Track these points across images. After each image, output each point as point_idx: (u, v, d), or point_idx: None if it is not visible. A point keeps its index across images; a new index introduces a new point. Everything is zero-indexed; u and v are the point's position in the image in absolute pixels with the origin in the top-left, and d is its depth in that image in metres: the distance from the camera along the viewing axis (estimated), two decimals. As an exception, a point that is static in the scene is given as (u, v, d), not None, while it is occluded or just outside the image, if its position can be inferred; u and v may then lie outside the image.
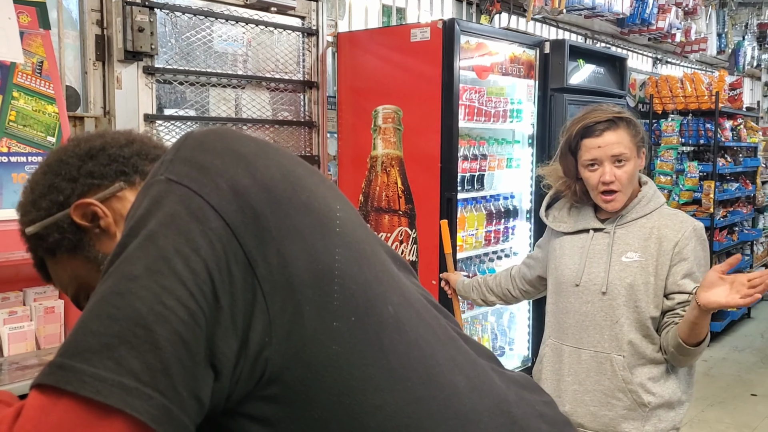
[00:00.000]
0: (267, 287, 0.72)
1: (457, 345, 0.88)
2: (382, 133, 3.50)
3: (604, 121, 2.03)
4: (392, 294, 0.83)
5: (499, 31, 4.00)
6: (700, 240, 2.04)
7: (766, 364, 5.78)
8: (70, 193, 0.96)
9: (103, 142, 1.00)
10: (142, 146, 1.02)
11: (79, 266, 0.98)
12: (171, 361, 0.66)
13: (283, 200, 0.77)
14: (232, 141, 0.82)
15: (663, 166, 6.41)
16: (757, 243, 7.80)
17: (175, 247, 0.70)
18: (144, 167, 0.99)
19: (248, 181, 0.76)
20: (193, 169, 0.76)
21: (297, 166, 0.84)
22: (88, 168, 0.97)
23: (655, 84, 6.56)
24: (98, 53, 2.84)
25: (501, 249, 3.90)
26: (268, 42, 3.51)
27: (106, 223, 0.96)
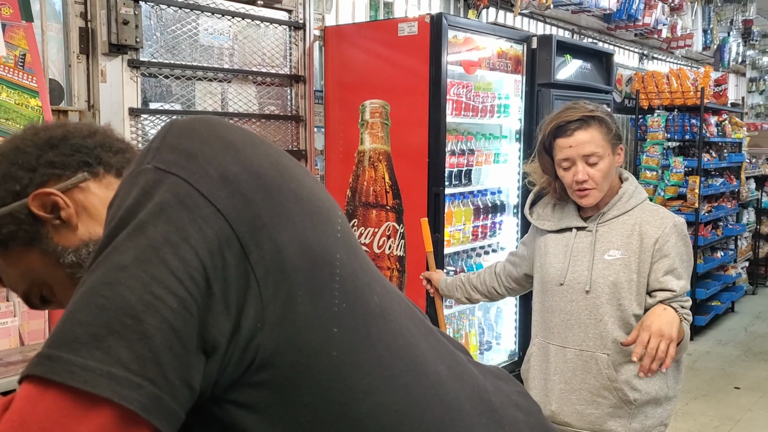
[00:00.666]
0: (260, 272, 0.71)
1: (436, 336, 0.90)
2: (369, 128, 3.49)
3: (576, 121, 2.02)
4: (376, 285, 0.83)
5: (486, 25, 4.00)
6: (681, 236, 2.04)
7: (750, 357, 5.84)
8: (28, 182, 0.93)
9: (65, 132, 0.97)
10: (105, 138, 0.99)
11: (34, 260, 0.94)
12: (161, 350, 0.66)
13: (273, 187, 0.77)
14: (219, 128, 0.81)
15: (649, 161, 6.44)
16: (741, 238, 7.87)
17: (165, 237, 0.69)
18: (108, 159, 0.97)
19: (238, 168, 0.75)
20: (181, 156, 0.75)
21: (283, 156, 0.84)
22: (48, 158, 0.94)
23: (642, 79, 6.59)
24: (82, 46, 2.80)
25: (488, 244, 3.91)
26: (255, 36, 3.49)
27: (67, 215, 0.93)
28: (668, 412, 2.07)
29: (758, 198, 8.30)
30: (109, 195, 0.90)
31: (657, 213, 2.06)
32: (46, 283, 0.96)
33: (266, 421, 0.73)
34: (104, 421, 0.64)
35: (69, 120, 1.02)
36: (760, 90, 10.59)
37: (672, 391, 2.07)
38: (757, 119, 10.40)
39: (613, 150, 2.04)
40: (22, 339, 2.27)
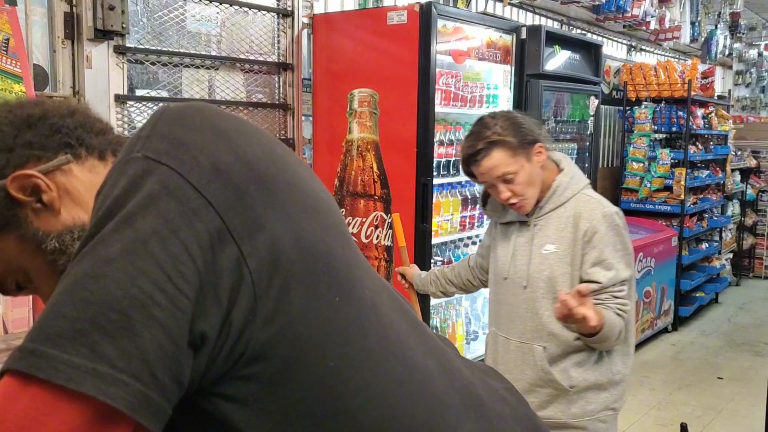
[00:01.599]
0: (253, 264, 0.70)
1: (424, 330, 0.89)
2: (357, 117, 3.48)
3: (477, 152, 2.04)
4: (367, 278, 0.82)
5: (476, 15, 3.99)
6: (611, 226, 2.03)
7: (733, 348, 5.90)
8: (5, 164, 0.87)
9: (43, 111, 0.91)
10: (85, 118, 0.94)
11: (10, 246, 0.89)
12: (148, 347, 0.63)
13: (267, 178, 0.75)
14: (212, 116, 0.79)
15: (636, 152, 6.47)
16: (726, 229, 7.93)
17: (153, 229, 0.67)
18: (90, 140, 0.92)
19: (230, 157, 0.73)
20: (171, 145, 0.73)
21: (277, 145, 0.82)
22: (26, 138, 0.88)
23: (630, 71, 6.61)
24: (67, 31, 2.77)
25: (476, 234, 3.91)
26: (243, 23, 3.46)
27: (49, 198, 0.88)
28: (615, 396, 2.10)
29: (743, 190, 8.37)
30: (92, 178, 0.90)
31: (589, 204, 2.07)
32: (23, 269, 0.91)
33: (255, 415, 0.72)
34: (88, 419, 0.62)
35: (45, 98, 0.94)
36: (746, 83, 10.65)
37: (618, 376, 2.10)
38: (743, 112, 10.47)
39: (528, 157, 2.04)
40: (5, 327, 2.25)
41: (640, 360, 5.51)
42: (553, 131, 4.35)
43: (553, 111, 4.30)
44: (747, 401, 4.66)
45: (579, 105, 4.49)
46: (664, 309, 6.11)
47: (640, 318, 5.64)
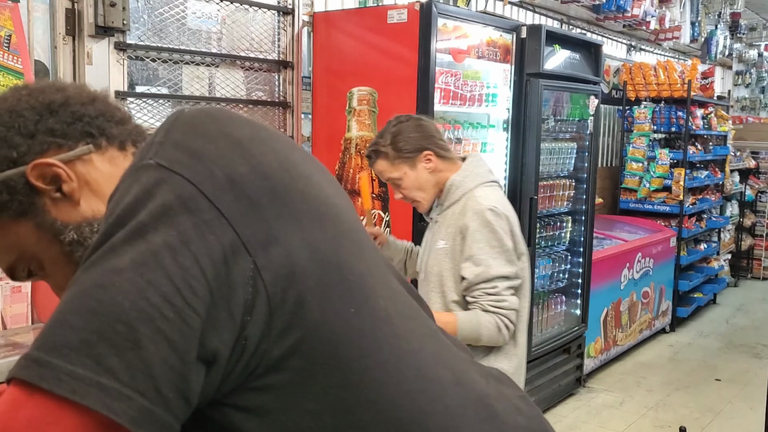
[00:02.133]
0: (268, 278, 0.69)
1: (439, 338, 0.88)
2: (356, 115, 3.48)
3: (368, 157, 2.25)
4: (382, 287, 0.81)
5: (476, 14, 3.99)
6: (483, 222, 2.09)
7: (731, 349, 5.90)
8: (26, 150, 0.84)
9: (65, 97, 0.89)
10: (105, 106, 0.92)
11: (26, 233, 0.86)
12: (153, 361, 0.63)
13: (281, 188, 0.74)
14: (227, 124, 0.78)
15: (635, 152, 6.48)
16: (724, 230, 7.93)
17: (165, 241, 0.66)
18: (110, 130, 0.90)
19: (245, 168, 0.73)
20: (185, 154, 0.72)
21: (292, 151, 0.81)
22: (49, 124, 0.86)
23: (629, 71, 6.61)
24: (68, 27, 2.77)
25: (474, 233, 3.91)
26: (243, 20, 3.46)
27: (69, 188, 0.85)
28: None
29: (742, 191, 8.37)
30: (112, 170, 0.87)
31: (471, 201, 2.14)
32: (36, 257, 0.89)
33: (267, 426, 0.71)
34: (90, 431, 0.61)
35: (65, 82, 0.98)
36: (746, 83, 10.65)
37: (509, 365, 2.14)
38: (743, 112, 10.47)
39: (412, 164, 2.17)
40: (4, 323, 2.25)
41: (638, 361, 5.51)
42: (552, 130, 4.35)
43: (553, 110, 4.30)
44: (745, 403, 4.67)
45: (578, 104, 4.49)
46: (662, 310, 6.12)
47: (638, 318, 5.65)
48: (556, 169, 4.44)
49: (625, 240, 5.60)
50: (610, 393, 4.78)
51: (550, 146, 4.32)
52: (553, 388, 4.44)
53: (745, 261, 8.73)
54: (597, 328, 5.02)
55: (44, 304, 2.31)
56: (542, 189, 4.16)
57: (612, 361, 5.34)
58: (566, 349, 4.54)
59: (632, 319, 5.54)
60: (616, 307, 5.28)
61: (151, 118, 3.08)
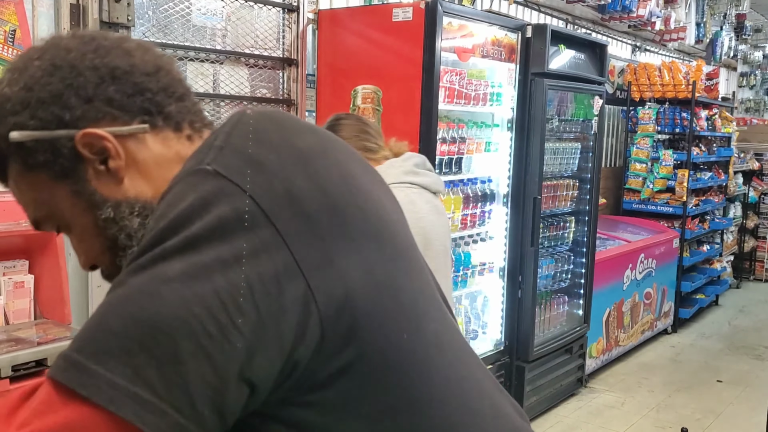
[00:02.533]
0: (322, 300, 0.67)
1: (480, 365, 0.87)
2: (360, 114, 3.47)
3: None
4: (433, 310, 0.80)
5: (481, 13, 3.98)
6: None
7: (732, 351, 5.89)
8: (80, 115, 0.78)
9: (131, 65, 0.81)
10: (170, 79, 0.85)
11: (61, 195, 0.81)
12: (191, 377, 0.62)
13: (340, 206, 0.72)
14: (291, 133, 0.76)
15: (639, 153, 6.46)
16: (727, 232, 7.92)
17: (218, 255, 0.65)
18: (169, 108, 0.83)
19: (305, 183, 0.71)
20: (245, 163, 0.70)
21: (353, 163, 0.80)
22: (109, 92, 0.79)
23: (634, 71, 6.59)
24: (73, 23, 2.76)
25: (477, 233, 3.91)
26: (248, 17, 3.45)
27: (116, 165, 0.80)
28: None
29: (745, 192, 8.35)
30: (164, 151, 0.82)
31: None
32: (66, 222, 0.84)
33: None
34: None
35: (133, 41, 0.86)
36: (751, 85, 10.63)
37: None
38: (747, 114, 10.44)
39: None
40: (7, 318, 2.25)
41: (640, 361, 5.51)
42: (556, 130, 4.34)
43: (557, 110, 4.29)
44: (746, 405, 4.66)
45: (583, 104, 4.48)
46: (665, 310, 6.11)
47: (640, 319, 5.64)
48: (560, 169, 4.44)
49: (628, 241, 5.59)
50: (612, 393, 4.78)
51: (554, 146, 4.32)
52: (555, 388, 4.43)
53: (747, 263, 8.71)
54: (599, 329, 5.01)
55: (47, 300, 2.31)
56: (546, 189, 4.16)
57: (614, 361, 5.33)
58: (568, 349, 4.54)
59: (634, 319, 5.53)
60: (619, 308, 5.27)
61: (155, 114, 3.07)
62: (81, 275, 2.81)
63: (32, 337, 2.13)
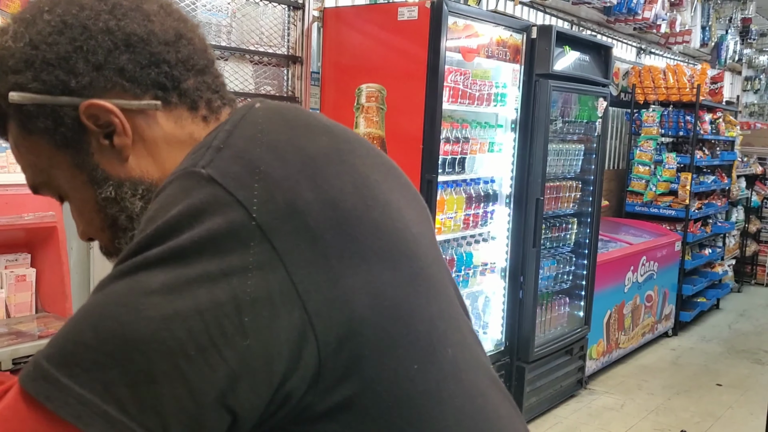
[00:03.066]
0: (320, 326, 0.61)
1: (499, 388, 0.80)
2: (364, 112, 3.47)
3: None
4: (452, 332, 0.74)
5: (487, 13, 3.98)
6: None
7: (733, 354, 5.88)
8: (88, 83, 0.71)
9: (148, 32, 0.74)
10: (191, 50, 0.77)
11: (60, 164, 0.76)
12: (166, 399, 0.58)
13: (350, 221, 0.65)
14: (302, 133, 0.69)
15: (642, 156, 6.46)
16: (729, 236, 7.91)
17: (205, 271, 0.59)
18: (186, 84, 0.76)
19: (311, 194, 0.64)
20: (245, 169, 0.63)
21: (373, 168, 0.73)
22: (121, 61, 0.72)
23: (638, 74, 6.58)
24: (78, 17, 2.76)
25: (479, 233, 3.91)
26: (253, 14, 3.45)
27: (121, 143, 0.74)
28: None
29: (748, 197, 8.34)
30: (176, 131, 0.76)
31: None
32: (64, 190, 0.79)
33: None
34: None
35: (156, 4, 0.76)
36: (755, 89, 10.61)
37: None
38: (751, 118, 10.42)
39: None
40: (8, 311, 2.25)
41: (640, 364, 5.50)
42: (560, 131, 4.34)
43: (561, 111, 4.29)
44: (746, 409, 4.65)
45: (587, 106, 4.48)
46: (665, 313, 6.10)
47: (641, 322, 5.64)
48: (563, 171, 4.43)
49: (630, 243, 5.59)
50: (611, 395, 4.78)
51: (558, 147, 4.31)
52: (555, 389, 4.43)
53: (749, 267, 8.70)
54: (600, 331, 5.01)
55: (48, 294, 2.31)
56: (548, 190, 4.15)
57: (614, 363, 5.33)
58: (568, 351, 4.54)
59: (635, 322, 5.53)
60: (620, 310, 5.26)
61: (159, 109, 3.08)
62: (82, 269, 2.81)
63: (33, 330, 2.13)
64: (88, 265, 2.84)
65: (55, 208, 2.26)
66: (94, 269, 2.84)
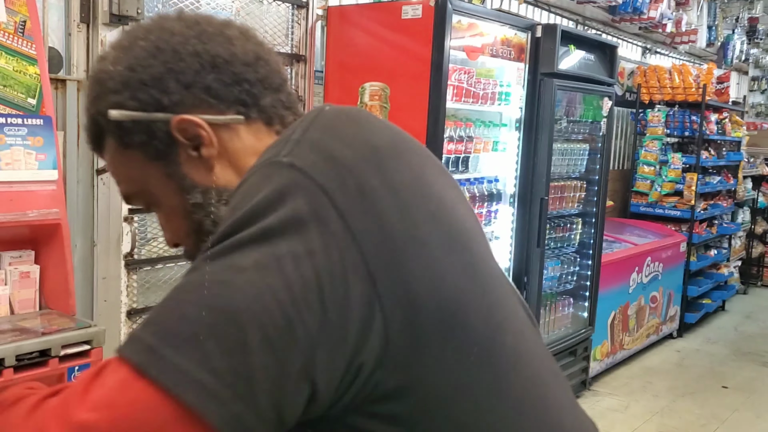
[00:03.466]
0: (387, 304, 0.67)
1: (559, 378, 0.85)
2: (368, 111, 3.46)
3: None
4: (511, 320, 0.79)
5: (491, 12, 3.97)
6: None
7: (738, 357, 5.86)
8: (179, 100, 0.80)
9: (231, 54, 0.83)
10: (268, 71, 0.86)
11: (153, 175, 0.84)
12: (256, 368, 0.64)
13: (412, 207, 0.72)
14: (367, 128, 0.77)
15: (647, 156, 6.44)
16: (735, 237, 7.87)
17: (290, 249, 0.66)
18: (263, 100, 0.84)
19: (377, 181, 0.71)
20: (321, 157, 0.71)
21: (426, 165, 0.80)
22: (208, 80, 0.81)
23: (644, 74, 6.56)
24: (83, 15, 2.77)
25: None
26: (257, 12, 3.45)
27: (208, 153, 0.82)
28: None
29: (754, 198, 8.31)
30: (255, 144, 0.84)
31: None
32: (157, 201, 0.87)
33: None
34: (183, 426, 0.64)
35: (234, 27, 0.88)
36: (762, 89, 10.57)
37: None
38: (757, 119, 10.38)
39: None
40: (12, 308, 2.25)
41: (644, 365, 5.49)
42: (564, 131, 4.33)
43: (566, 110, 4.27)
44: (752, 412, 4.63)
45: (592, 105, 4.46)
46: (670, 315, 6.08)
47: (645, 323, 5.62)
48: (568, 171, 4.42)
49: (635, 244, 5.57)
50: (616, 397, 4.76)
51: (562, 147, 4.30)
52: (558, 389, 4.42)
53: (755, 268, 8.66)
54: (604, 332, 4.99)
55: (52, 291, 2.32)
56: (553, 190, 4.14)
57: (618, 364, 5.31)
58: (572, 352, 4.52)
59: (640, 323, 5.51)
60: (624, 311, 5.25)
61: (163, 107, 3.08)
62: (86, 267, 2.82)
63: (37, 327, 2.13)
64: (91, 263, 2.84)
65: (59, 205, 2.26)
66: (97, 267, 2.85)
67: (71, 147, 2.76)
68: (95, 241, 2.86)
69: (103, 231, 2.87)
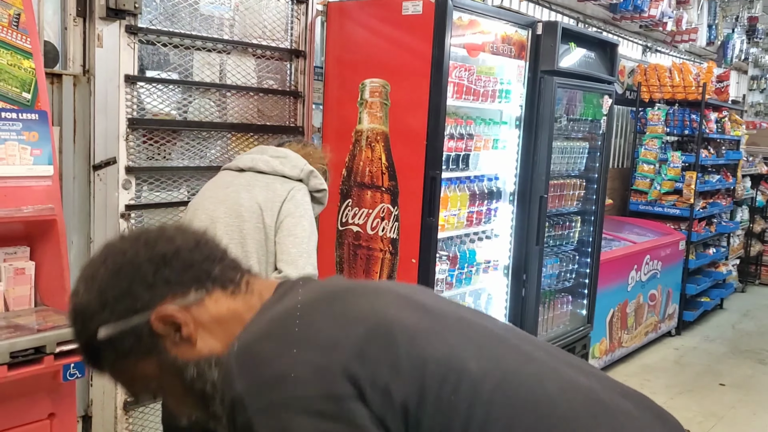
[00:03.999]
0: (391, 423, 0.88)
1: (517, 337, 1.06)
2: (368, 107, 3.44)
3: None
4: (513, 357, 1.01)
5: (492, 8, 3.94)
6: None
7: (736, 354, 5.86)
8: (148, 300, 0.97)
9: (176, 248, 1.00)
10: (208, 249, 1.03)
11: (151, 369, 0.99)
12: None
13: (383, 342, 0.92)
14: (339, 299, 1.03)
15: (647, 154, 6.42)
16: (734, 235, 7.87)
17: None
18: (215, 272, 1.02)
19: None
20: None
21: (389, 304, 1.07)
22: (165, 275, 0.98)
23: (644, 72, 6.55)
24: (79, 9, 2.74)
25: (482, 230, 3.88)
26: (257, 7, 3.43)
27: (188, 332, 0.97)
28: None
29: (753, 196, 8.30)
30: (218, 309, 1.00)
31: None
32: (161, 387, 1.02)
33: None
34: None
35: (171, 228, 1.09)
36: (761, 88, 10.56)
37: None
38: (756, 118, 10.37)
39: None
40: (6, 304, 2.23)
41: (643, 363, 5.48)
42: (564, 129, 4.31)
43: (566, 108, 4.25)
44: (749, 409, 4.63)
45: (592, 104, 4.45)
46: (669, 313, 6.08)
47: (644, 321, 5.61)
48: (567, 169, 4.41)
49: (634, 242, 5.56)
50: (614, 395, 4.75)
51: (562, 145, 4.28)
52: (556, 388, 4.41)
53: (753, 267, 8.67)
54: (602, 329, 4.98)
55: (47, 287, 2.29)
56: (552, 188, 4.13)
57: (616, 362, 5.31)
58: (571, 349, 4.51)
59: (638, 321, 5.50)
60: (623, 309, 5.24)
61: (160, 103, 3.05)
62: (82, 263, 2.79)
63: (32, 324, 2.11)
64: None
65: (54, 201, 2.24)
66: (94, 263, 2.82)
67: (67, 142, 2.74)
68: (92, 238, 2.84)
69: (100, 227, 2.85)
